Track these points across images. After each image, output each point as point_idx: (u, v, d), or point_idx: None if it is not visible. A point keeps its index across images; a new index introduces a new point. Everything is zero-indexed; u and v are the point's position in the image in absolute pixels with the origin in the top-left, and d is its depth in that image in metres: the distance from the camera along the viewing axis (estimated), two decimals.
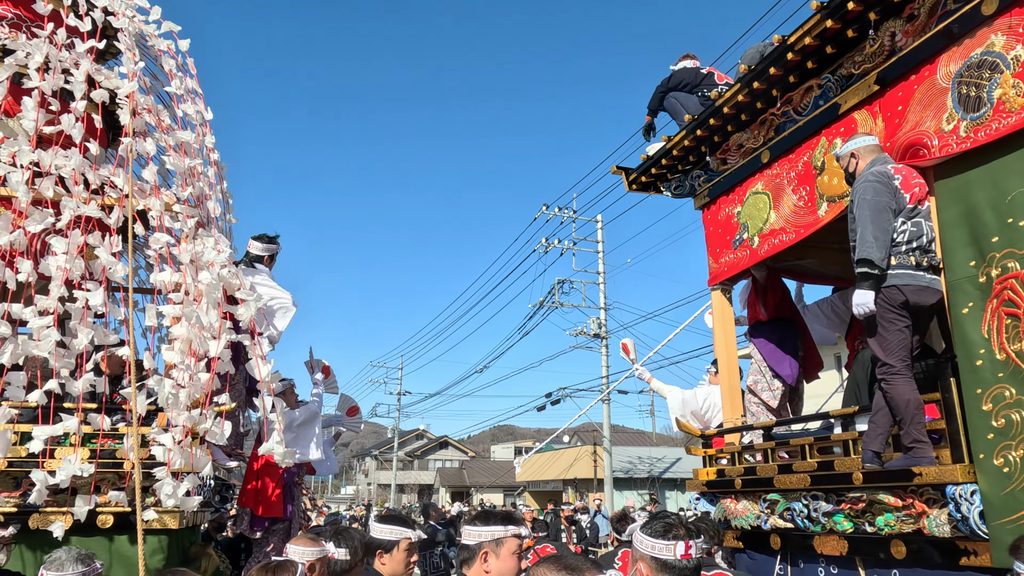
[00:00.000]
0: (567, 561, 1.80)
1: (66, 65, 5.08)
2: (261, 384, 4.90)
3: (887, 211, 3.53)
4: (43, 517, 4.41)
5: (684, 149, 5.30)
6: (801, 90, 4.46)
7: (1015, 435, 3.09)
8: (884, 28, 3.89)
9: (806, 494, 4.12)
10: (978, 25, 3.46)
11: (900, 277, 3.52)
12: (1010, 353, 3.16)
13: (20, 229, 4.62)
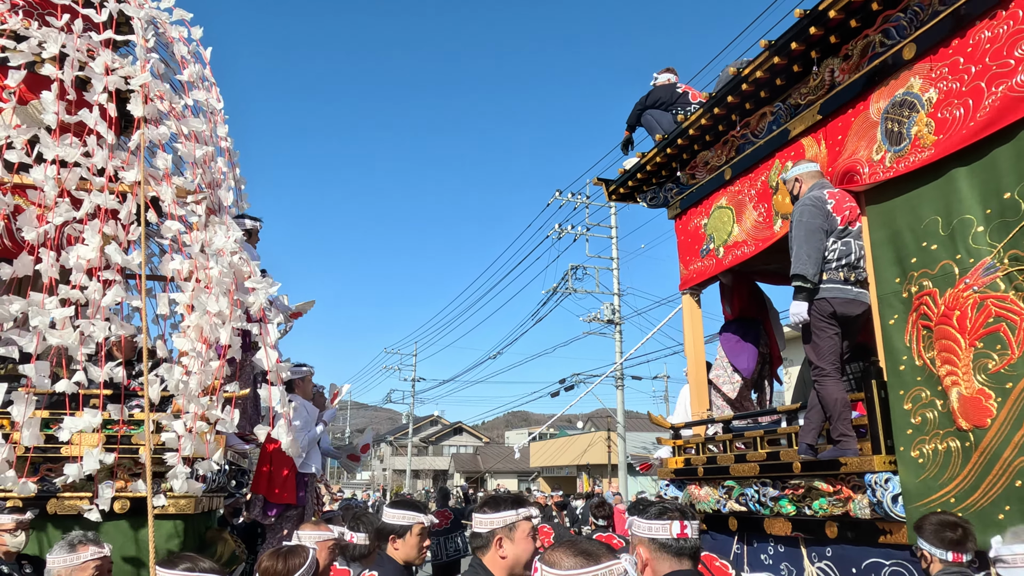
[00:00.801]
0: (583, 546, 1.74)
1: (83, 57, 5.04)
2: (269, 372, 4.88)
3: (820, 232, 3.98)
4: (61, 502, 4.55)
5: (657, 164, 5.75)
6: (757, 115, 4.90)
7: (928, 431, 3.55)
8: (824, 65, 4.32)
9: (756, 481, 4.59)
10: (901, 68, 3.89)
11: (830, 291, 3.98)
12: (925, 360, 3.61)
13: (48, 223, 4.66)
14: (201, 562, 2.39)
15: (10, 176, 4.90)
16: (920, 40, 3.78)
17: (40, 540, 4.44)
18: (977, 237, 3.41)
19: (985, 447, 3.25)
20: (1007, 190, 3.29)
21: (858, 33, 4.10)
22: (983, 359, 3.31)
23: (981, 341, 3.33)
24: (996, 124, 3.33)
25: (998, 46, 3.38)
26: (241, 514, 8.51)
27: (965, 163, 3.51)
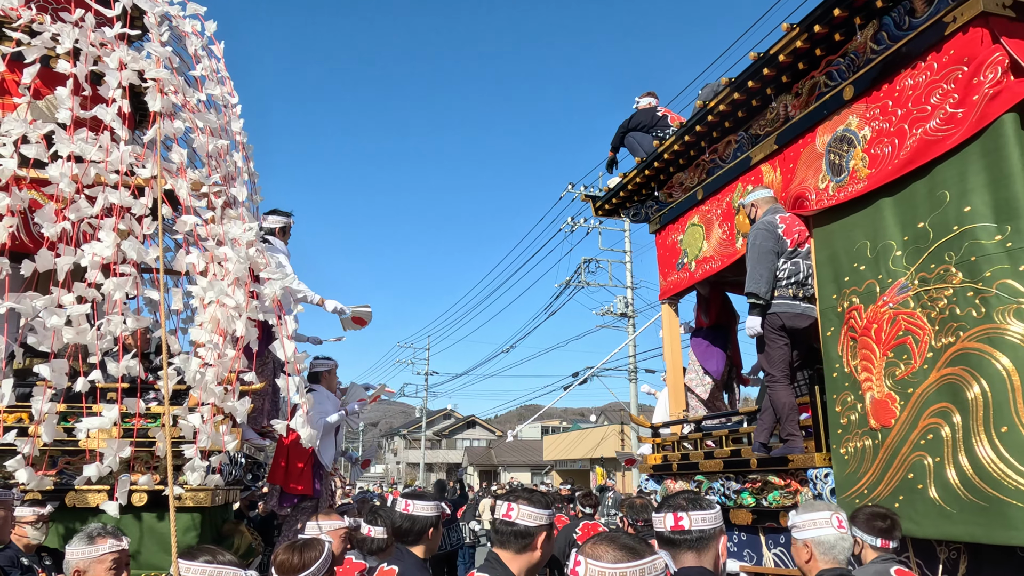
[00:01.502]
0: (624, 540, 1.72)
1: (96, 52, 5.06)
2: (286, 365, 4.90)
3: (771, 254, 4.47)
4: (79, 495, 4.64)
5: (637, 184, 6.24)
6: (723, 143, 5.39)
7: (852, 430, 4.05)
8: (779, 100, 4.80)
9: (721, 476, 5.09)
10: (841, 106, 4.37)
11: (780, 306, 4.48)
12: (851, 368, 4.10)
13: (65, 220, 4.67)
14: (221, 555, 2.39)
15: (26, 171, 4.89)
16: (857, 83, 4.25)
17: (59, 533, 4.49)
18: (895, 260, 3.89)
19: (888, 444, 3.75)
20: (921, 220, 3.77)
21: (806, 74, 4.58)
22: (892, 367, 3.80)
23: (892, 351, 3.82)
24: (915, 162, 3.81)
25: (918, 93, 3.86)
26: (257, 507, 8.72)
27: (891, 195, 3.99)
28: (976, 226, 3.47)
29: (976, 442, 3.29)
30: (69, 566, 3.00)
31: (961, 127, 3.57)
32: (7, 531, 3.58)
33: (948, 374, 3.52)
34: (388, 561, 3.26)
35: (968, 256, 3.48)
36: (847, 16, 4.08)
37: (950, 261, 3.58)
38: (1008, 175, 3.37)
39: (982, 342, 3.37)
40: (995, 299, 3.33)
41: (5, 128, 4.85)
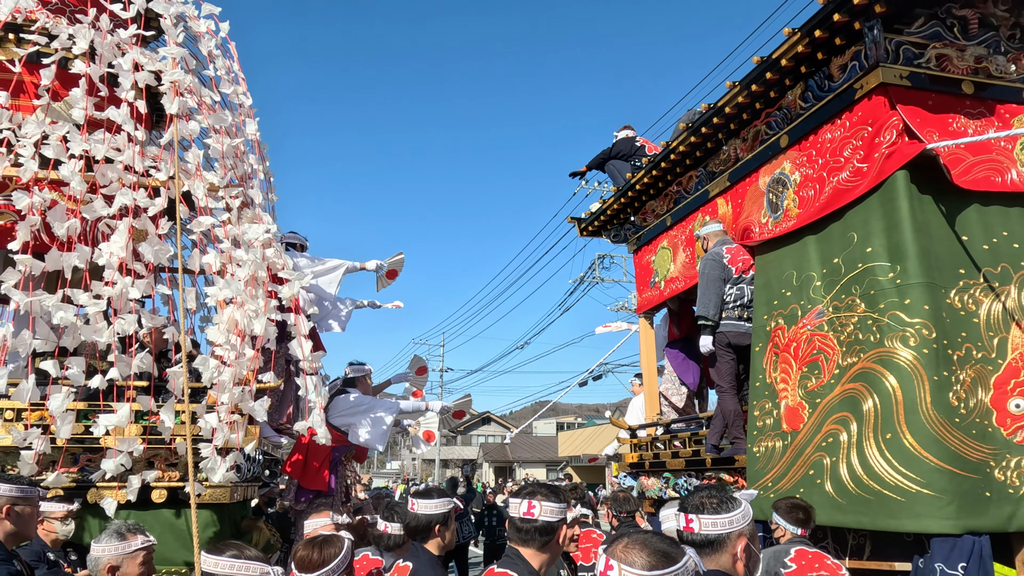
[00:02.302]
0: (656, 544, 1.68)
1: (111, 52, 5.12)
2: (303, 363, 4.98)
3: (719, 281, 5.16)
4: (99, 492, 4.66)
5: (615, 209, 6.94)
6: (686, 177, 6.08)
7: (766, 432, 4.73)
8: (730, 144, 5.48)
9: (684, 473, 5.79)
10: (778, 152, 5.04)
11: (726, 326, 5.17)
12: (772, 379, 4.79)
13: (77, 217, 4.70)
14: (247, 550, 2.42)
15: (46, 172, 4.94)
16: (790, 133, 4.93)
17: (80, 529, 4.51)
18: (815, 289, 4.56)
19: (795, 445, 4.43)
20: (835, 256, 4.44)
21: (750, 123, 5.25)
22: (805, 380, 4.48)
23: (806, 366, 4.50)
24: (831, 206, 4.48)
25: (835, 146, 4.53)
26: (275, 503, 8.92)
27: (814, 233, 4.66)
28: (875, 264, 4.14)
29: (867, 446, 3.96)
30: (100, 563, 2.99)
31: (865, 179, 4.24)
32: (33, 527, 3.60)
33: (849, 388, 4.20)
34: (404, 558, 3.35)
35: (869, 290, 4.16)
36: (778, 78, 4.75)
37: (855, 293, 4.25)
38: (899, 223, 4.04)
39: (876, 363, 4.04)
40: (887, 327, 4.01)
41: (24, 130, 4.91)
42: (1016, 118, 4.42)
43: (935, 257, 4.04)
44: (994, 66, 4.38)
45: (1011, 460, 3.84)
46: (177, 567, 4.59)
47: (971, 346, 3.99)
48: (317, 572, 2.74)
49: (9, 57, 5.38)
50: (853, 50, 4.32)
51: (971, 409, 3.88)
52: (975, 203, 4.21)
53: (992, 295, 4.09)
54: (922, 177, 4.13)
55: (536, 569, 2.48)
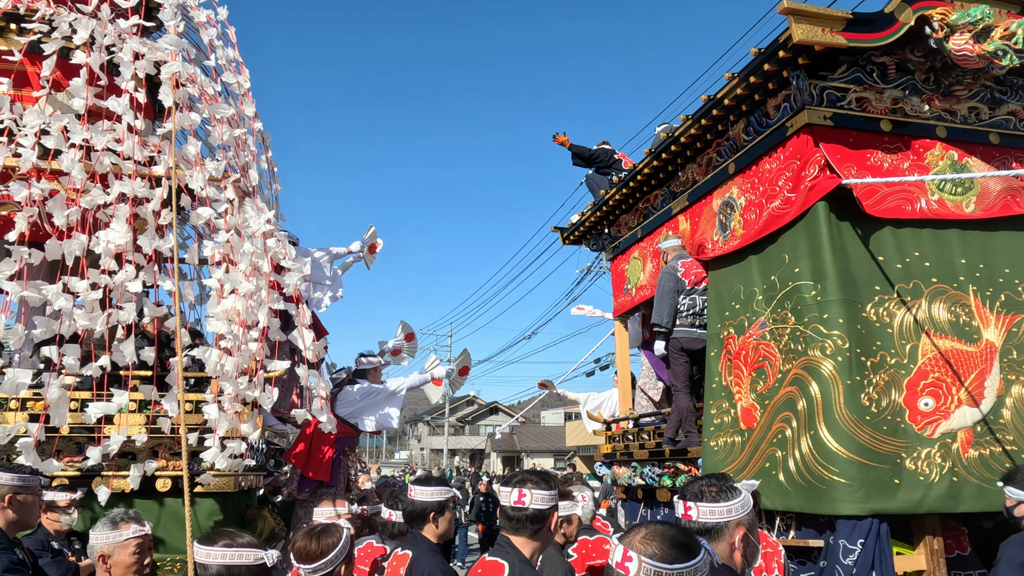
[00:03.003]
0: (674, 535, 1.70)
1: (112, 41, 5.13)
2: (305, 352, 5.03)
3: (672, 293, 5.80)
4: (104, 481, 4.74)
5: (592, 222, 7.57)
6: (653, 195, 6.71)
7: (723, 429, 5.37)
8: (688, 168, 6.11)
9: (649, 463, 6.44)
10: (727, 178, 5.66)
11: (680, 332, 5.81)
12: (728, 382, 5.42)
13: (76, 206, 4.73)
14: (240, 537, 2.41)
15: (46, 163, 4.97)
16: (737, 161, 5.54)
17: (86, 518, 4.57)
18: (758, 303, 5.19)
19: (752, 440, 5.06)
20: (773, 274, 5.07)
21: (703, 151, 5.87)
22: (755, 383, 5.12)
23: (755, 372, 5.13)
24: (768, 230, 5.10)
25: (772, 176, 5.15)
26: (281, 492, 8.86)
27: (756, 253, 5.29)
28: (801, 283, 4.77)
29: (803, 441, 4.59)
30: (93, 551, 3.03)
31: (793, 207, 4.86)
32: (35, 516, 3.63)
33: (788, 391, 4.83)
34: (403, 546, 3.43)
35: (797, 305, 4.79)
36: (723, 114, 5.37)
37: (788, 308, 4.88)
38: (820, 248, 4.67)
39: (804, 369, 4.67)
40: (810, 338, 4.64)
41: (25, 120, 4.94)
42: (929, 152, 5.03)
43: (852, 276, 4.66)
44: (909, 106, 4.98)
45: (921, 451, 4.47)
46: (183, 556, 4.55)
47: (885, 353, 4.61)
48: (316, 563, 2.72)
49: (10, 47, 5.43)
50: (784, 93, 4.93)
51: (883, 408, 4.50)
52: (889, 227, 4.82)
53: (904, 308, 4.71)
54: (843, 206, 4.75)
55: (527, 557, 2.51)
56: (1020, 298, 4.84)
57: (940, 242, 4.88)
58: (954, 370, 4.58)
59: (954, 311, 4.73)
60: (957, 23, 4.65)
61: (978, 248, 4.91)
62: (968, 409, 4.51)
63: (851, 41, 4.52)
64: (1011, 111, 5.25)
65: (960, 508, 4.45)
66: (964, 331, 4.70)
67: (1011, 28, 4.71)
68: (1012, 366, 4.67)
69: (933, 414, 4.50)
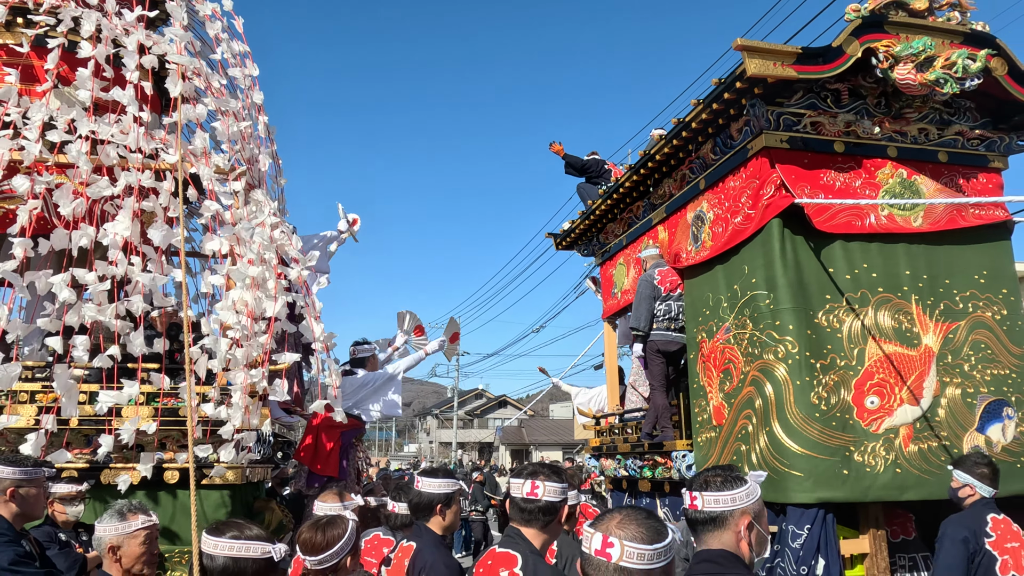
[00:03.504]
0: (648, 521, 1.81)
1: (117, 33, 5.16)
2: (315, 343, 5.05)
3: (649, 299, 6.30)
4: (113, 472, 4.75)
5: (582, 229, 8.08)
6: (635, 206, 7.21)
7: (703, 425, 5.87)
8: (665, 183, 6.61)
9: (631, 456, 6.96)
10: (699, 193, 6.15)
11: (656, 335, 6.32)
12: (703, 382, 5.93)
13: (82, 197, 4.73)
14: (248, 529, 2.40)
15: (52, 155, 5.00)
16: (706, 178, 6.03)
17: (95, 509, 4.60)
18: (724, 310, 5.69)
19: (722, 436, 5.57)
20: (735, 284, 5.56)
21: (677, 167, 6.36)
22: (723, 384, 5.62)
23: (722, 373, 5.63)
24: (731, 243, 5.59)
25: (735, 193, 5.64)
26: (289, 484, 8.89)
27: (722, 263, 5.78)
28: (758, 293, 5.27)
29: (761, 436, 5.09)
30: (102, 543, 3.02)
31: (752, 223, 5.35)
32: (40, 508, 3.65)
33: (748, 391, 5.33)
34: (408, 537, 3.48)
35: (753, 313, 5.29)
36: (692, 135, 5.85)
37: (747, 315, 5.38)
38: (773, 261, 5.16)
39: (760, 371, 5.18)
40: (765, 343, 5.14)
41: (30, 114, 5.00)
42: (880, 170, 5.50)
43: (804, 286, 5.15)
44: (862, 128, 5.46)
45: (868, 445, 4.96)
46: (190, 548, 4.55)
47: (835, 356, 5.11)
48: (322, 555, 2.73)
49: (17, 40, 5.47)
50: (744, 118, 5.41)
51: (833, 406, 4.99)
52: (840, 241, 5.30)
53: (853, 315, 5.21)
54: (797, 222, 5.23)
55: (538, 548, 2.54)
56: (957, 307, 5.33)
57: (887, 254, 5.36)
58: (897, 372, 5.07)
59: (897, 318, 5.22)
60: (901, 54, 5.13)
61: (923, 260, 5.39)
62: (909, 407, 5.01)
63: (801, 73, 5.00)
64: (959, 131, 5.71)
65: (903, 496, 4.96)
66: (906, 336, 5.19)
67: (952, 58, 5.18)
68: (947, 369, 5.16)
69: (878, 411, 5.00)
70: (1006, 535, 4.11)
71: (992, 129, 5.79)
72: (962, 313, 5.34)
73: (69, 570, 3.91)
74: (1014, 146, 5.85)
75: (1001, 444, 5.08)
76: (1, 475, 3.37)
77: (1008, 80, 5.40)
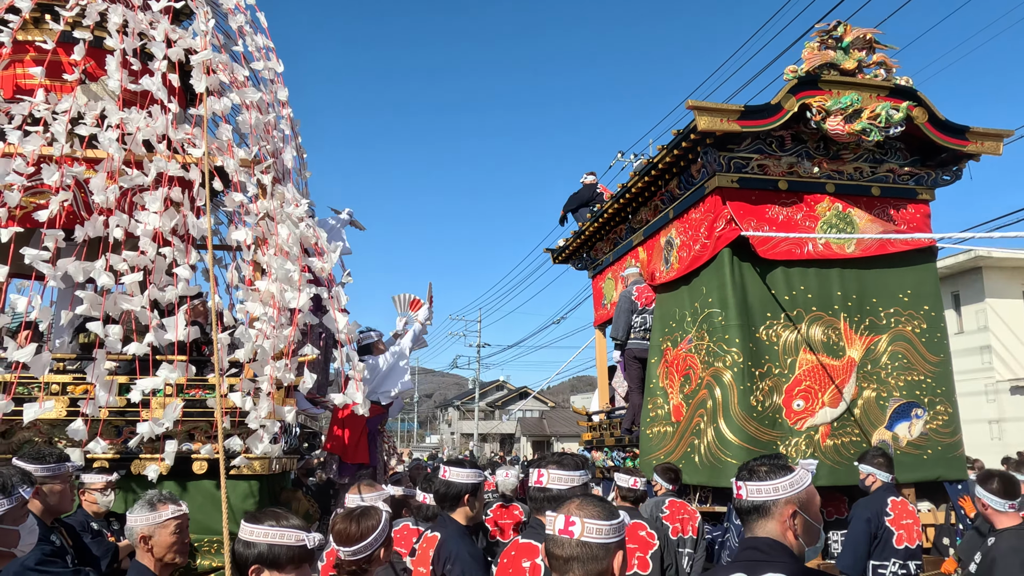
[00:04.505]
0: (603, 504, 2.03)
1: (143, 27, 5.27)
2: (339, 335, 5.12)
3: (627, 313, 7.38)
4: (143, 463, 4.84)
5: (575, 247, 9.17)
6: (620, 228, 8.29)
7: (657, 421, 6.94)
8: (642, 210, 7.68)
9: (615, 448, 8.05)
10: (669, 221, 7.21)
11: (633, 343, 7.41)
12: (663, 383, 6.99)
13: (116, 184, 4.83)
14: (284, 519, 2.46)
15: (81, 149, 5.11)
16: (674, 210, 7.09)
17: (125, 499, 4.70)
18: (687, 324, 6.75)
19: (679, 431, 6.65)
20: (696, 302, 6.62)
21: (651, 199, 7.42)
22: (683, 386, 6.69)
23: (683, 377, 6.70)
24: (692, 267, 6.65)
25: (696, 224, 6.69)
26: (314, 474, 9.30)
27: (686, 284, 6.84)
28: (712, 311, 6.33)
29: (709, 431, 6.15)
30: (134, 533, 3.05)
31: (708, 251, 6.41)
32: (68, 502, 3.73)
33: (703, 393, 6.39)
34: (433, 528, 3.53)
35: (708, 328, 6.35)
36: (660, 174, 6.91)
37: (704, 329, 6.43)
38: (724, 284, 6.21)
39: (712, 377, 6.24)
40: (716, 353, 6.20)
41: (58, 107, 5.11)
42: (819, 204, 6.53)
43: (749, 305, 6.19)
44: (802, 168, 6.48)
45: (791, 440, 6.02)
46: (219, 536, 4.59)
47: (771, 365, 6.16)
48: (356, 545, 2.77)
49: (44, 36, 5.57)
50: (701, 162, 6.45)
51: (767, 407, 6.05)
52: (782, 267, 6.34)
53: (789, 330, 6.25)
54: (746, 250, 6.27)
55: None
56: (881, 322, 6.35)
57: (823, 277, 6.38)
58: (822, 379, 6.12)
59: (827, 333, 6.26)
60: (832, 108, 6.15)
61: (853, 282, 6.41)
62: (829, 409, 6.05)
63: (744, 127, 6.04)
64: (890, 168, 6.72)
65: (817, 483, 5.98)
66: (832, 349, 6.23)
67: (877, 110, 6.19)
68: (866, 376, 6.20)
69: (803, 413, 6.05)
70: (902, 514, 5.14)
71: (920, 166, 6.79)
72: (885, 327, 6.36)
73: (102, 558, 4.04)
74: (940, 180, 6.84)
75: (907, 440, 6.12)
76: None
77: (928, 127, 6.40)
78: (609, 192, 9.55)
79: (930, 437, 6.26)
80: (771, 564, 2.09)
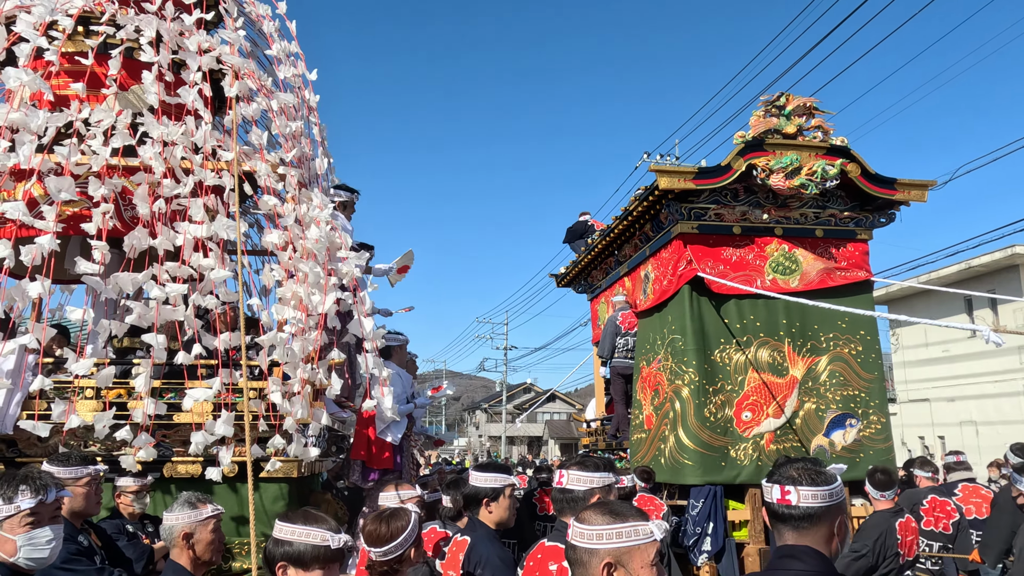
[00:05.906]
0: (613, 506, 2.01)
1: (177, 39, 5.39)
2: (365, 342, 5.20)
3: (612, 335, 8.81)
4: (175, 467, 4.99)
5: (573, 275, 10.61)
6: (609, 260, 9.70)
7: (638, 429, 8.34)
8: (626, 246, 9.08)
9: (607, 452, 9.46)
10: (647, 258, 8.62)
11: (616, 361, 8.83)
12: (640, 397, 8.39)
13: (160, 198, 4.96)
14: (315, 519, 2.53)
15: (117, 160, 5.19)
16: (649, 248, 8.48)
17: (157, 502, 4.84)
18: (657, 346, 8.14)
19: (649, 437, 8.03)
20: (664, 327, 8.01)
21: (631, 238, 8.81)
22: (653, 399, 8.08)
23: (653, 391, 8.09)
24: (662, 298, 8.04)
25: (666, 262, 8.09)
26: (343, 478, 9.41)
27: (658, 312, 8.23)
28: (675, 336, 7.71)
29: (671, 438, 7.53)
30: (174, 531, 3.12)
31: (673, 286, 7.80)
32: (93, 504, 3.84)
33: (667, 406, 7.77)
34: (463, 531, 3.58)
35: (672, 351, 7.73)
36: (635, 219, 8.30)
37: (669, 351, 7.82)
38: (684, 315, 7.60)
39: (674, 392, 7.62)
40: (678, 373, 7.58)
41: (95, 118, 5.20)
42: (768, 245, 7.87)
43: (705, 332, 7.56)
44: (754, 216, 7.83)
45: (739, 446, 7.39)
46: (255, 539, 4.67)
47: (724, 382, 7.53)
48: (386, 546, 2.82)
49: (80, 49, 5.67)
50: (665, 212, 7.84)
51: (719, 418, 7.42)
52: (735, 300, 7.70)
53: (740, 353, 7.61)
54: (703, 286, 7.65)
55: None
56: (821, 345, 7.69)
57: (770, 308, 7.73)
58: (766, 395, 7.48)
59: (773, 355, 7.61)
60: (774, 167, 7.51)
61: (797, 312, 7.75)
62: (773, 420, 7.41)
63: (699, 185, 7.41)
64: (832, 213, 8.04)
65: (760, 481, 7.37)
66: (777, 369, 7.58)
67: (814, 167, 7.54)
68: (807, 391, 7.54)
69: (750, 423, 7.42)
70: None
71: (859, 210, 8.11)
72: (824, 350, 7.70)
73: (137, 560, 4.15)
74: (876, 222, 8.15)
75: (841, 445, 7.46)
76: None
77: (861, 180, 7.73)
78: (601, 225, 10.96)
79: (863, 443, 7.58)
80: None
